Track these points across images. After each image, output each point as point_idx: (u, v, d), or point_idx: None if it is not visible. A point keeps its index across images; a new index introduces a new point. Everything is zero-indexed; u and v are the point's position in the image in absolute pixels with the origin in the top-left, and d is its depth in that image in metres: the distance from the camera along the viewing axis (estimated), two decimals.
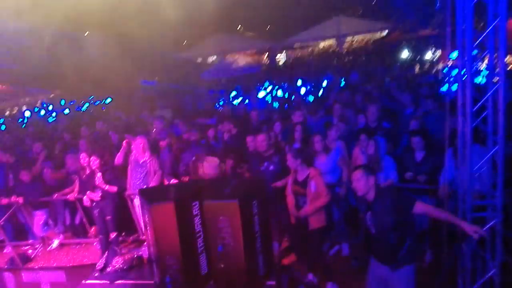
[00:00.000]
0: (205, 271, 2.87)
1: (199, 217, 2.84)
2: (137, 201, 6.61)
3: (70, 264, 6.57)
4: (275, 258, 3.22)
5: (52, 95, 20.16)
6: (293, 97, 9.76)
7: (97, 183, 6.40)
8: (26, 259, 6.80)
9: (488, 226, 3.84)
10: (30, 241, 7.38)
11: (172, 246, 2.73)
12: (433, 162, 5.27)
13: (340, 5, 25.49)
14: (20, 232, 7.48)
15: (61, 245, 7.25)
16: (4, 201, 6.83)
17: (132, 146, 6.49)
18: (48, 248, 7.17)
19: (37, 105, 18.60)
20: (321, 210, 4.81)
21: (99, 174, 6.41)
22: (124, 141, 6.63)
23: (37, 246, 7.23)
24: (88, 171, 6.52)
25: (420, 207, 3.48)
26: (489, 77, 3.79)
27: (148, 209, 2.79)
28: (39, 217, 7.07)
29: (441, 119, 6.16)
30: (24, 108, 18.39)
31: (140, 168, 6.48)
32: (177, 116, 9.50)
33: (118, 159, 6.58)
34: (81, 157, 6.60)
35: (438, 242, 4.22)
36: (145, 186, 6.42)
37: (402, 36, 19.64)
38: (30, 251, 7.16)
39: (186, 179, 6.37)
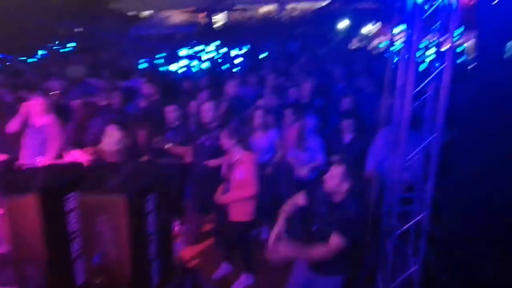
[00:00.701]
0: (80, 281, 2.24)
1: (75, 213, 2.19)
2: None
3: None
4: (177, 260, 2.68)
5: None
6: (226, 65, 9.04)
7: None
8: None
9: (414, 220, 3.58)
10: None
11: (34, 252, 2.06)
12: (361, 144, 4.96)
13: None
14: None
15: None
16: None
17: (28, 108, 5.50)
18: None
19: None
20: (245, 202, 4.19)
21: None
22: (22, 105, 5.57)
23: None
24: None
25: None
26: (436, 57, 3.40)
27: (4, 202, 2.09)
28: None
29: (374, 98, 5.97)
30: None
31: (37, 134, 5.52)
32: (91, 75, 8.36)
33: (13, 125, 5.54)
34: None
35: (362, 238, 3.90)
36: (40, 157, 5.53)
37: (343, 7, 19.46)
38: None
39: (91, 150, 5.55)
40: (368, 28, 13.57)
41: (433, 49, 3.56)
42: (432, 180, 3.41)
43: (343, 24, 16.40)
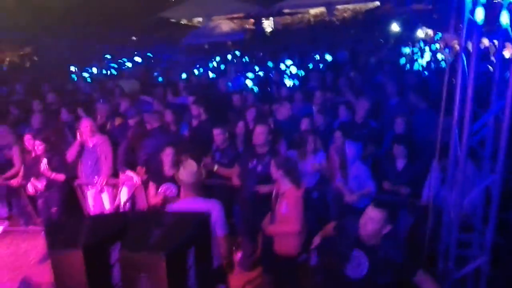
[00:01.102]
0: None
1: (118, 265, 2.21)
2: (89, 192, 5.97)
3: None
4: None
5: None
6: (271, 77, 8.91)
7: (41, 169, 5.69)
8: None
9: (473, 265, 3.31)
10: None
11: None
12: (415, 171, 4.71)
13: None
14: None
15: (5, 232, 6.58)
16: None
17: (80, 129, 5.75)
18: None
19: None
20: (290, 236, 4.04)
21: (44, 160, 5.68)
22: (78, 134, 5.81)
23: None
24: (33, 155, 5.79)
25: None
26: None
27: (50, 255, 2.15)
28: None
29: (429, 116, 5.63)
30: None
31: (90, 154, 5.77)
32: (145, 91, 8.57)
33: (70, 155, 5.81)
34: (25, 139, 5.84)
35: None
36: (96, 176, 5.77)
37: (395, 8, 18.75)
38: None
39: (142, 171, 5.70)
40: (422, 33, 12.94)
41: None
42: (493, 223, 3.14)
43: (396, 27, 15.79)
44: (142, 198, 5.79)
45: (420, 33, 13.03)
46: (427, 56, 9.60)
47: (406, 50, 10.68)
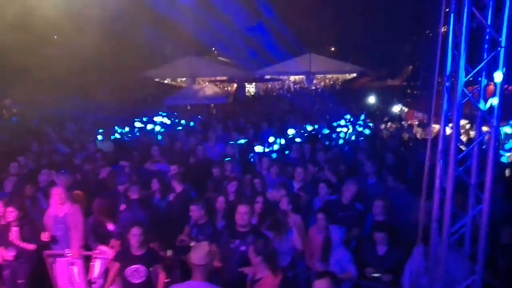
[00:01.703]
0: None
1: None
2: (59, 264, 5.69)
3: None
4: None
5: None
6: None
7: (11, 238, 5.44)
8: None
9: None
10: None
11: None
12: (396, 257, 4.72)
13: (313, 43, 25.73)
14: None
15: None
16: None
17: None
18: None
19: None
20: None
21: (15, 229, 5.45)
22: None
23: None
24: (2, 222, 5.55)
25: None
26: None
27: None
28: None
29: (409, 203, 5.73)
30: None
31: (59, 225, 5.58)
32: (121, 155, 8.47)
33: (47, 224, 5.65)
34: None
35: None
36: (66, 248, 5.54)
37: (370, 83, 19.77)
38: None
39: (117, 244, 5.52)
40: (397, 109, 13.59)
41: None
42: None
43: (371, 100, 16.51)
44: (115, 273, 5.56)
45: (396, 109, 13.68)
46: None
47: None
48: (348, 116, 11.31)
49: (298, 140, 9.17)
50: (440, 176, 3.58)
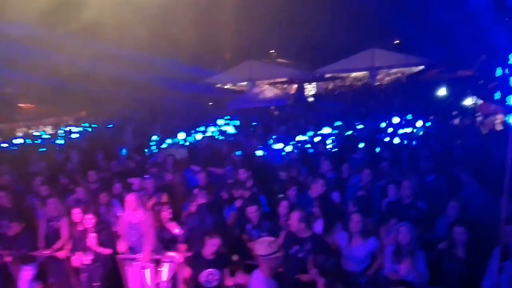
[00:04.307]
0: None
1: None
2: (132, 268, 5.94)
3: None
4: None
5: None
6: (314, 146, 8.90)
7: (89, 244, 5.78)
8: None
9: None
10: None
11: None
12: (477, 261, 4.34)
13: (375, 37, 24.77)
14: (10, 282, 6.87)
15: None
16: None
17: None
18: None
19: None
20: None
21: (93, 235, 5.79)
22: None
23: None
24: (81, 228, 5.92)
25: None
26: None
27: None
28: (27, 272, 6.45)
29: (487, 202, 5.30)
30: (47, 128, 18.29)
31: (133, 231, 5.82)
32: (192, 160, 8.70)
33: (121, 229, 5.94)
34: (73, 212, 6.01)
35: None
36: (138, 252, 5.77)
37: (440, 73, 18.57)
38: None
39: (184, 248, 5.66)
40: (469, 101, 12.63)
41: None
42: None
43: (441, 93, 15.56)
44: (184, 277, 5.70)
45: (469, 101, 12.73)
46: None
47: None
48: (409, 116, 10.64)
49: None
50: None
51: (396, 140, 8.88)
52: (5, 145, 13.27)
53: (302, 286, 4.48)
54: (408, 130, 9.52)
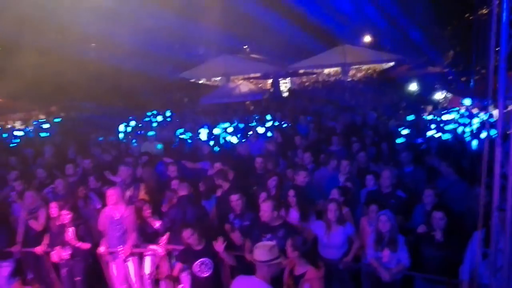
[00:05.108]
0: None
1: None
2: (114, 262, 5.87)
3: None
4: None
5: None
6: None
7: (67, 238, 5.67)
8: None
9: None
10: None
11: None
12: (454, 246, 4.54)
13: (347, 34, 25.18)
14: None
15: None
16: None
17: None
18: None
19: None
20: None
21: (71, 229, 5.68)
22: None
23: None
24: (58, 223, 5.79)
25: None
26: None
27: None
28: (5, 268, 6.26)
29: (461, 189, 5.55)
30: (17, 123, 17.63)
31: (116, 226, 5.74)
32: (165, 153, 8.63)
33: (101, 225, 5.85)
34: (51, 207, 5.87)
35: None
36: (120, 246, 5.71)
37: (410, 70, 19.10)
38: None
39: (164, 239, 5.64)
40: (440, 96, 13.08)
41: None
42: None
43: (412, 88, 16.01)
44: (166, 268, 5.69)
45: (438, 95, 13.18)
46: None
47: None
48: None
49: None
50: (500, 162, 3.42)
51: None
52: None
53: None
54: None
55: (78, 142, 10.16)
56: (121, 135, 11.83)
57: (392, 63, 23.21)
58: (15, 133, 13.55)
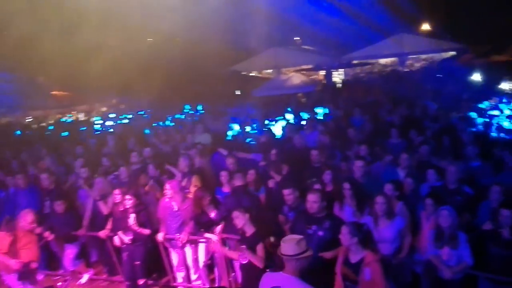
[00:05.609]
0: None
1: None
2: (172, 248, 6.10)
3: None
4: None
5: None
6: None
7: (129, 224, 5.95)
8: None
9: None
10: (61, 271, 7.05)
11: None
12: None
13: (404, 22, 24.17)
14: (52, 259, 7.17)
15: (90, 280, 6.90)
16: (37, 230, 6.47)
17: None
18: (78, 282, 6.85)
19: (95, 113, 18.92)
20: None
21: (132, 215, 5.96)
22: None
23: (67, 278, 6.92)
24: (121, 208, 6.09)
25: None
26: None
27: None
28: (70, 250, 6.73)
29: None
30: (80, 115, 18.74)
31: (175, 217, 5.95)
32: (217, 144, 8.77)
33: (160, 213, 6.10)
34: (114, 193, 6.18)
35: None
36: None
37: (472, 61, 18.02)
38: (59, 283, 6.87)
39: (220, 228, 5.75)
40: (505, 86, 12.21)
41: None
42: None
43: (475, 78, 15.09)
44: (221, 256, 5.82)
45: (505, 86, 12.32)
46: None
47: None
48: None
49: None
50: None
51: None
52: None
53: (324, 264, 4.49)
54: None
55: (137, 133, 10.60)
56: (175, 127, 12.20)
57: (453, 53, 22.07)
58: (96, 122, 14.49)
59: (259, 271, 4.64)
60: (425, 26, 27.64)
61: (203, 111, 15.64)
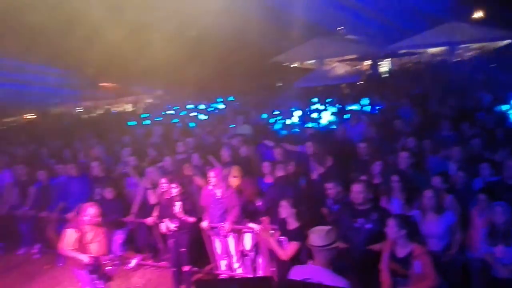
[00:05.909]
0: None
1: None
2: (216, 236, 6.20)
3: None
4: None
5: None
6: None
7: (175, 212, 6.09)
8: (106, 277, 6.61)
9: None
10: (110, 255, 7.33)
11: None
12: None
13: (455, 9, 23.04)
14: None
15: (138, 265, 7.14)
16: None
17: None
18: (126, 267, 7.09)
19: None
20: None
21: (178, 203, 6.09)
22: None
23: (115, 263, 7.17)
24: (167, 196, 6.24)
25: None
26: None
27: None
28: (118, 236, 6.99)
29: None
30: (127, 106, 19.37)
31: (218, 205, 6.02)
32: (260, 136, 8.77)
33: (204, 200, 6.19)
34: (160, 182, 6.34)
35: None
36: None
37: None
38: (108, 267, 7.14)
39: (266, 220, 5.75)
40: None
41: None
42: None
43: None
44: (265, 246, 5.83)
45: None
46: None
47: None
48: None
49: None
50: None
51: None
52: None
53: (372, 256, 4.40)
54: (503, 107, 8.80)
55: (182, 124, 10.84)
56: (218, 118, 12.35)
57: (508, 41, 20.81)
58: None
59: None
60: (478, 14, 26.26)
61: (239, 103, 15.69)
